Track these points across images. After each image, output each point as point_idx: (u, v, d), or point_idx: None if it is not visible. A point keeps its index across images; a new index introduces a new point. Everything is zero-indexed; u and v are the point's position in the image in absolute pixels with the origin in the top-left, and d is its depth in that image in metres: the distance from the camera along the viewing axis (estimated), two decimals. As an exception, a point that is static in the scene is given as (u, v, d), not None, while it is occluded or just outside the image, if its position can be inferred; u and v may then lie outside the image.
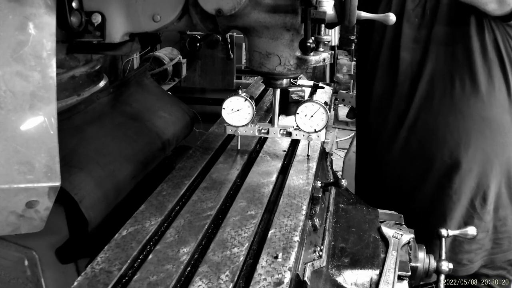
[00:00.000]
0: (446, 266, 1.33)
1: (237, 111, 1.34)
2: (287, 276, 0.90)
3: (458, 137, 1.78)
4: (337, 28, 2.74)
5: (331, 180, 1.52)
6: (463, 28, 1.71)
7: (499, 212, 1.84)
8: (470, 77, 1.73)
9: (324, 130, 1.35)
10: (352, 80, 6.19)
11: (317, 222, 1.26)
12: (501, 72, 1.72)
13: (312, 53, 1.13)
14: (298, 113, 1.32)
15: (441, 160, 1.81)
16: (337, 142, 5.65)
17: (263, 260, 0.95)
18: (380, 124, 1.96)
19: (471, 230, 1.44)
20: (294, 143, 1.54)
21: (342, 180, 1.38)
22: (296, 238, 1.02)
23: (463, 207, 1.82)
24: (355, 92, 6.02)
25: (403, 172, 1.93)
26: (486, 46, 1.69)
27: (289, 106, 1.84)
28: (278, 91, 1.34)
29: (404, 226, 1.40)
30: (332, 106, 2.70)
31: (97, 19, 1.15)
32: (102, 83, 1.58)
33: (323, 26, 1.11)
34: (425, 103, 1.82)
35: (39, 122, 0.92)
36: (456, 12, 1.71)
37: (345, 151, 3.76)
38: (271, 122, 1.39)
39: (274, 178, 1.30)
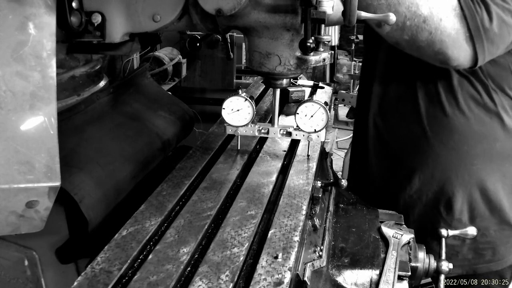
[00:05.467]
0: (446, 266, 1.33)
1: (237, 111, 1.34)
2: (287, 276, 0.90)
3: (418, 144, 1.78)
4: (337, 28, 2.73)
5: (331, 180, 1.52)
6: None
7: (475, 222, 1.83)
8: (433, 91, 1.72)
9: (324, 130, 1.35)
10: (352, 80, 6.20)
11: (317, 222, 1.26)
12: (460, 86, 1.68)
13: (312, 53, 1.13)
14: (298, 113, 1.32)
15: (405, 164, 1.84)
16: (337, 142, 5.65)
17: (263, 260, 0.95)
18: (365, 128, 1.98)
19: (471, 230, 1.44)
20: (294, 143, 1.54)
21: (342, 180, 1.38)
22: (296, 238, 1.02)
23: (428, 208, 1.83)
24: (355, 92, 6.07)
25: (381, 176, 1.96)
26: None
27: (289, 106, 1.84)
28: (278, 91, 1.34)
29: (404, 226, 1.40)
30: (332, 106, 2.70)
31: (97, 19, 1.15)
32: (102, 83, 1.58)
33: (323, 26, 1.11)
34: (390, 107, 1.84)
35: (39, 122, 0.92)
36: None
37: (345, 151, 3.76)
38: (271, 122, 1.39)
39: (274, 178, 1.30)
